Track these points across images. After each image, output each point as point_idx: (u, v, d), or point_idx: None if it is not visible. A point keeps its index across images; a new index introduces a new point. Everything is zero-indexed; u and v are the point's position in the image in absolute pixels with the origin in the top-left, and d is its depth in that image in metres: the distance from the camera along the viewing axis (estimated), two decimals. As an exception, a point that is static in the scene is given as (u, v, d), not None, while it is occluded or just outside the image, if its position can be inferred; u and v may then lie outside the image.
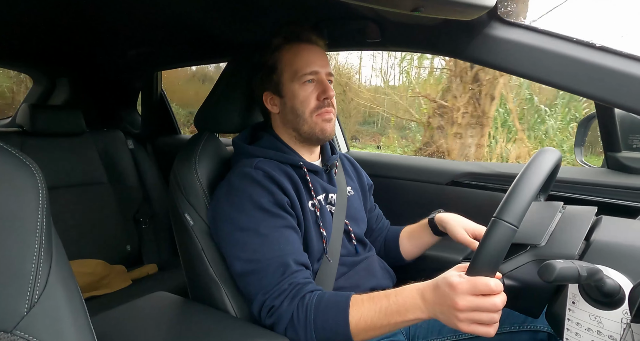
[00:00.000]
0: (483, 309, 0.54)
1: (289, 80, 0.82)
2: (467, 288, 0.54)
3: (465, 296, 0.54)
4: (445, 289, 0.56)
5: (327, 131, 0.83)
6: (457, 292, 0.54)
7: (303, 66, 0.81)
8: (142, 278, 1.47)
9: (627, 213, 0.71)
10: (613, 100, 0.76)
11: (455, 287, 0.55)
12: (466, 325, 0.55)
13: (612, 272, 0.51)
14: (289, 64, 0.82)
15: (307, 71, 0.81)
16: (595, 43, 0.76)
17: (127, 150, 1.69)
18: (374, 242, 1.00)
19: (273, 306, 0.69)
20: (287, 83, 0.82)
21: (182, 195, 0.83)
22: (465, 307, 0.54)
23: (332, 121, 0.84)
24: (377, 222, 1.03)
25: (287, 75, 0.82)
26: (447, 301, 0.56)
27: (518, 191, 0.52)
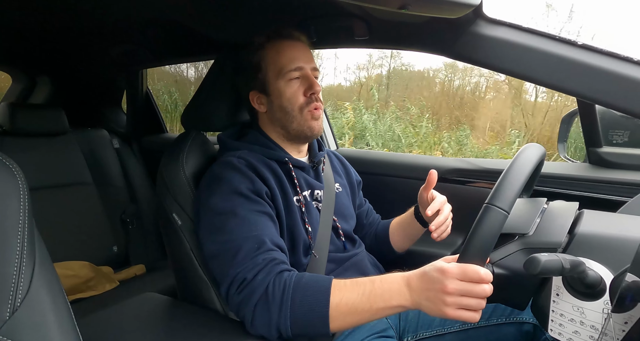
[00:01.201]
0: (472, 294, 0.54)
1: (275, 78, 0.81)
2: (457, 272, 0.55)
3: (455, 280, 0.55)
4: (435, 274, 0.57)
5: (315, 129, 0.83)
6: (447, 276, 0.55)
7: (287, 63, 0.80)
8: (129, 279, 1.45)
9: (609, 207, 0.73)
10: (593, 97, 0.78)
11: (445, 271, 0.55)
12: (452, 310, 0.55)
13: (594, 264, 0.53)
14: (273, 61, 0.81)
15: (292, 67, 0.80)
16: (577, 41, 0.78)
17: (112, 149, 1.65)
18: (365, 237, 1.00)
19: (245, 279, 0.64)
20: (272, 81, 0.82)
21: (170, 194, 0.82)
22: (455, 290, 0.54)
23: (320, 119, 0.84)
24: (367, 217, 1.03)
25: (272, 73, 0.82)
26: (435, 286, 0.56)
27: (508, 179, 0.55)
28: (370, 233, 1.01)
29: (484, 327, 0.82)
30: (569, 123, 1.23)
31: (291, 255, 0.78)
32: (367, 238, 1.00)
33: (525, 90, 5.76)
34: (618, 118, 1.04)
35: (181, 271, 0.84)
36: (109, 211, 1.55)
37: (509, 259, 0.60)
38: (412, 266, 0.79)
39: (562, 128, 1.24)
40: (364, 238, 1.00)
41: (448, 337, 0.83)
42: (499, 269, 0.60)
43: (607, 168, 1.04)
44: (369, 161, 1.34)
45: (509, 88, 6.06)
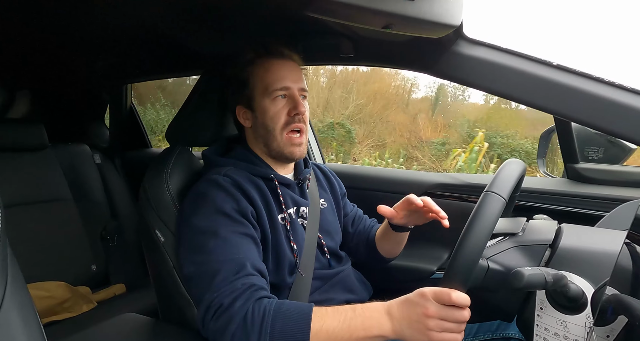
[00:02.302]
0: (451, 319, 0.55)
1: (260, 96, 0.81)
2: (437, 296, 0.55)
3: (436, 304, 0.55)
4: (415, 298, 0.57)
5: (296, 154, 0.82)
6: (427, 299, 0.56)
7: (274, 81, 0.80)
8: (108, 299, 1.39)
9: (587, 221, 0.75)
10: (569, 115, 0.82)
11: (425, 294, 0.56)
12: (436, 334, 0.55)
13: (576, 278, 0.54)
14: (260, 79, 0.81)
15: (278, 87, 0.80)
16: (552, 61, 0.82)
17: (94, 165, 1.61)
18: (358, 246, 0.98)
19: (221, 305, 0.61)
20: (258, 98, 0.82)
21: (153, 210, 0.80)
22: (435, 314, 0.55)
23: (302, 145, 0.83)
24: (353, 226, 1.00)
25: (259, 90, 0.81)
26: (417, 310, 0.56)
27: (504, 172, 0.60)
28: (362, 241, 0.99)
29: None
30: (547, 139, 1.27)
31: (276, 274, 0.76)
32: (361, 246, 0.98)
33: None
34: (593, 135, 1.09)
35: (163, 290, 0.81)
36: (89, 228, 1.50)
37: (502, 255, 0.61)
38: (398, 282, 0.78)
39: (541, 144, 1.28)
40: (356, 247, 0.98)
41: None
42: (494, 264, 0.61)
43: (584, 183, 1.07)
44: (354, 176, 1.35)
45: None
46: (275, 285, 0.76)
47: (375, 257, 0.97)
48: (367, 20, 0.64)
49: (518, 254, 0.61)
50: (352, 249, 0.99)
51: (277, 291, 0.76)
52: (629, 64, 4.59)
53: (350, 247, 0.99)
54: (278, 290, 0.77)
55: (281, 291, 0.77)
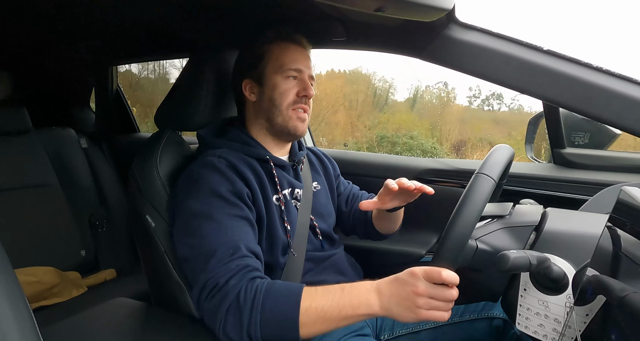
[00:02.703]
0: (440, 297, 0.57)
1: (273, 72, 0.83)
2: (427, 274, 0.57)
3: (426, 282, 0.57)
4: (405, 277, 0.59)
5: (300, 129, 0.84)
6: (417, 278, 0.57)
7: (289, 62, 0.82)
8: (98, 284, 1.39)
9: (572, 205, 0.77)
10: (557, 100, 0.82)
11: (415, 273, 0.58)
12: (424, 311, 0.57)
13: (559, 260, 0.56)
14: (276, 57, 0.83)
15: (293, 67, 0.82)
16: (543, 47, 0.82)
17: (80, 149, 1.58)
18: (354, 225, 0.99)
19: (217, 284, 0.63)
20: (270, 74, 0.83)
21: (143, 195, 0.79)
22: (425, 292, 0.56)
23: (305, 122, 0.85)
24: (349, 204, 1.01)
25: (272, 67, 0.83)
26: (407, 288, 0.58)
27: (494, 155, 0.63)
28: (360, 220, 0.99)
29: (457, 324, 0.84)
30: (535, 125, 1.28)
31: (269, 254, 0.77)
32: (359, 225, 0.99)
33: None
34: (579, 121, 1.10)
35: (155, 275, 0.81)
36: (77, 214, 1.48)
37: (490, 236, 0.63)
38: (388, 266, 0.80)
39: (529, 130, 1.30)
40: (354, 226, 0.99)
41: (423, 334, 0.85)
42: (482, 244, 0.63)
43: (570, 168, 1.09)
44: (345, 161, 1.35)
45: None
46: (268, 265, 0.77)
47: (374, 235, 0.98)
48: (359, 2, 0.63)
49: (505, 235, 0.63)
50: (350, 227, 1.00)
51: (270, 272, 0.78)
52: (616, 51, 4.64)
53: (348, 225, 1.00)
54: (271, 270, 0.78)
55: (274, 271, 0.79)
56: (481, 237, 0.64)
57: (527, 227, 0.63)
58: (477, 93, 7.90)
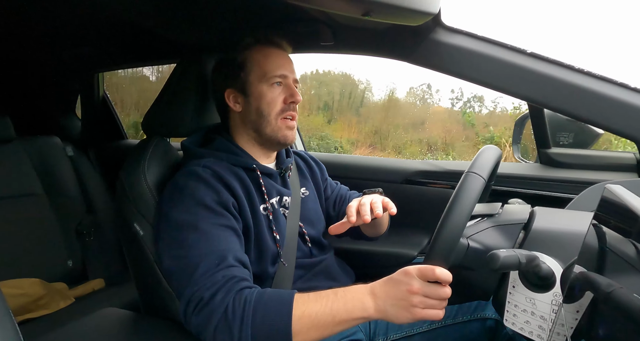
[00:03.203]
0: (434, 296, 0.57)
1: (257, 81, 0.81)
2: (421, 273, 0.57)
3: (420, 280, 0.57)
4: (399, 276, 0.59)
5: (289, 138, 0.83)
6: (411, 276, 0.57)
7: (273, 68, 0.80)
8: (87, 295, 1.35)
9: (558, 203, 0.79)
10: (542, 101, 0.84)
11: (409, 272, 0.58)
12: (420, 310, 0.57)
13: (547, 258, 0.57)
14: (259, 64, 0.81)
15: (277, 73, 0.80)
16: (527, 49, 0.84)
17: (66, 157, 1.55)
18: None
19: (202, 299, 0.61)
20: (254, 83, 0.81)
21: (131, 203, 0.78)
22: (419, 290, 0.56)
23: (294, 129, 0.84)
24: (337, 208, 0.99)
25: (255, 75, 0.81)
26: (401, 287, 0.57)
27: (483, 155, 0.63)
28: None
29: (450, 326, 0.85)
30: (521, 125, 1.31)
31: (258, 265, 0.76)
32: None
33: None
34: (564, 121, 1.13)
35: (144, 284, 0.80)
36: (63, 223, 1.45)
37: (481, 234, 0.64)
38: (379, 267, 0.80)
39: (515, 131, 1.32)
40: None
41: (417, 338, 0.84)
42: (473, 243, 0.64)
43: (556, 167, 1.12)
44: (336, 165, 1.36)
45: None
46: (257, 276, 0.76)
47: (364, 237, 0.98)
48: (346, 6, 0.64)
49: (496, 233, 0.64)
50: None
51: (260, 282, 0.76)
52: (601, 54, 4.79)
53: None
54: (260, 280, 0.77)
55: (264, 281, 0.77)
56: (472, 236, 0.65)
57: (517, 225, 0.64)
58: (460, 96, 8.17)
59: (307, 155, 1.02)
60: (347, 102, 7.34)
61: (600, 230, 0.47)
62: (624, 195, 0.44)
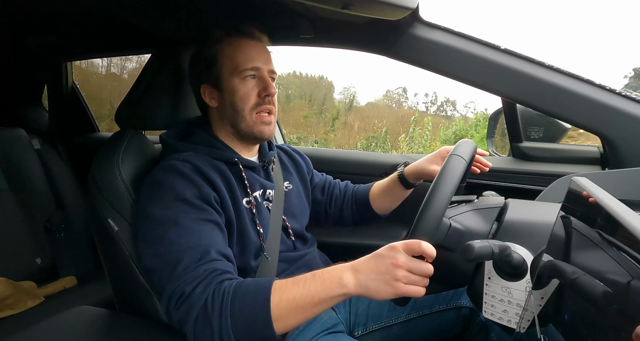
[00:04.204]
0: (418, 271, 0.57)
1: (229, 75, 0.78)
2: (406, 247, 0.57)
3: (405, 255, 0.57)
4: (385, 251, 0.59)
5: (266, 133, 0.81)
6: (397, 251, 0.57)
7: (244, 61, 0.78)
8: (57, 293, 1.31)
9: (529, 195, 0.82)
10: (514, 96, 0.87)
11: (395, 247, 0.58)
12: (403, 284, 0.57)
13: (518, 247, 0.59)
14: (230, 57, 0.79)
15: (249, 66, 0.78)
16: (500, 46, 0.86)
17: (32, 151, 1.48)
18: (340, 209, 0.99)
19: (183, 293, 0.60)
20: (227, 77, 0.79)
21: (104, 198, 0.75)
22: (404, 264, 0.57)
23: (271, 124, 0.82)
24: (325, 192, 1.00)
25: (227, 69, 0.79)
26: (386, 261, 0.58)
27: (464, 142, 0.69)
28: (347, 202, 0.99)
29: (427, 315, 0.87)
30: (495, 120, 1.35)
31: (240, 258, 0.76)
32: (346, 208, 0.99)
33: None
34: (534, 116, 1.17)
35: (119, 280, 0.78)
36: (31, 219, 1.39)
37: (461, 216, 0.68)
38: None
39: (490, 125, 1.36)
40: (340, 211, 0.99)
41: (395, 328, 0.87)
42: (455, 223, 0.67)
43: (527, 161, 1.16)
44: (317, 159, 1.36)
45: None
46: (240, 269, 0.75)
47: (368, 215, 0.97)
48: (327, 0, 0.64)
49: (475, 216, 0.67)
50: (336, 214, 0.99)
51: (243, 276, 0.75)
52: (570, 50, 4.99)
53: (331, 213, 0.99)
54: (243, 274, 0.76)
55: (246, 275, 0.77)
56: (453, 217, 0.68)
57: (494, 209, 0.68)
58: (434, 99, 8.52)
59: (291, 148, 1.02)
60: (307, 102, 7.84)
61: (568, 220, 0.49)
62: (589, 187, 0.46)
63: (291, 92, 8.37)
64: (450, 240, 0.66)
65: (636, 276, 0.34)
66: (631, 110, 0.81)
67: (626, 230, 0.35)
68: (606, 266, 0.39)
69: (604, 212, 0.40)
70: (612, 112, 0.82)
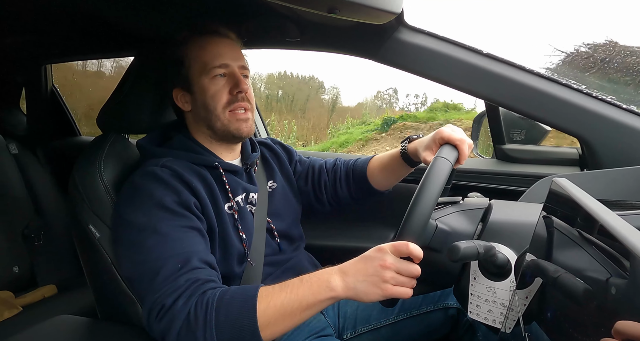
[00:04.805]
0: (406, 272, 0.57)
1: (198, 75, 0.76)
2: (394, 249, 0.58)
3: (393, 256, 0.57)
4: (372, 253, 0.59)
5: (244, 130, 0.79)
6: (384, 252, 0.58)
7: (211, 59, 0.75)
8: (36, 303, 1.26)
9: (513, 196, 0.84)
10: (496, 99, 0.89)
11: (383, 248, 0.58)
12: (390, 286, 0.57)
13: (503, 248, 0.60)
14: (197, 57, 0.77)
15: (216, 64, 0.75)
16: (483, 50, 0.88)
17: (9, 156, 1.43)
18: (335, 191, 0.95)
19: (163, 306, 0.58)
20: (196, 78, 0.77)
21: (85, 204, 0.73)
22: (393, 265, 0.57)
23: (249, 120, 0.79)
24: (309, 179, 0.96)
25: (196, 70, 0.77)
26: (374, 263, 0.58)
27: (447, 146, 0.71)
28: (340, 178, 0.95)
29: (415, 316, 0.88)
30: (479, 123, 1.37)
31: (224, 265, 0.74)
32: (341, 185, 0.94)
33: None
34: (516, 119, 1.20)
35: (101, 288, 0.76)
36: (7, 227, 1.34)
37: (448, 217, 0.68)
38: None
39: (474, 128, 1.38)
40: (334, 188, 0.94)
41: (384, 330, 0.87)
42: (441, 224, 0.68)
43: (510, 162, 1.18)
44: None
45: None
46: (224, 276, 0.74)
47: (367, 191, 0.94)
48: (312, 3, 0.64)
49: (461, 217, 0.68)
50: (330, 197, 0.96)
51: (227, 283, 0.74)
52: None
53: (324, 198, 0.95)
54: (228, 281, 0.75)
55: (231, 282, 0.76)
56: (439, 218, 0.69)
57: (479, 210, 0.69)
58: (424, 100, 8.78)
59: (272, 141, 0.99)
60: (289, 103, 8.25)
61: (549, 220, 0.51)
62: (569, 187, 0.47)
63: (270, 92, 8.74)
64: (436, 241, 0.67)
65: (614, 273, 0.35)
66: (607, 113, 0.84)
67: (604, 229, 0.36)
68: (586, 264, 0.40)
69: (584, 211, 0.41)
70: (590, 115, 0.84)
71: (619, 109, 0.84)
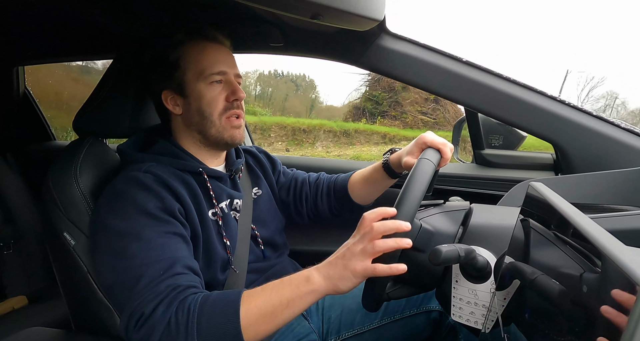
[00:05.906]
0: (385, 227, 0.57)
1: (194, 80, 0.76)
2: (373, 216, 0.59)
3: (370, 222, 0.58)
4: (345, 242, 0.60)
5: (237, 137, 0.79)
6: (365, 218, 0.60)
7: (210, 65, 0.76)
8: (5, 314, 1.21)
9: (492, 200, 0.86)
10: (475, 105, 0.92)
11: (363, 217, 0.60)
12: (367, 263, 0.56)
13: (483, 250, 0.61)
14: (194, 62, 0.76)
15: (215, 71, 0.76)
16: (462, 57, 0.91)
17: None
18: (315, 205, 0.96)
19: (143, 314, 0.57)
20: (192, 82, 0.76)
21: (60, 211, 0.71)
22: (369, 228, 0.57)
23: (241, 128, 0.80)
24: (291, 191, 0.96)
25: (192, 74, 0.76)
26: (344, 247, 0.59)
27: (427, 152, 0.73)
28: (321, 194, 0.96)
29: (399, 320, 0.88)
30: (459, 128, 1.41)
31: (207, 272, 0.73)
32: (321, 200, 0.95)
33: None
34: (495, 124, 1.24)
35: (76, 298, 0.73)
36: (-25, 235, 1.27)
37: (431, 218, 0.70)
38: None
39: (454, 133, 1.42)
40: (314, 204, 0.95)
41: (368, 334, 0.87)
42: (425, 224, 0.69)
43: (489, 167, 1.22)
44: (287, 165, 1.35)
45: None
46: (207, 283, 0.73)
47: (347, 206, 0.94)
48: (294, 8, 0.64)
49: (444, 218, 0.70)
50: (310, 210, 0.96)
51: (210, 289, 0.73)
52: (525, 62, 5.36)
53: (304, 211, 0.96)
54: (211, 288, 0.74)
55: (214, 288, 0.74)
56: (423, 218, 0.70)
57: (461, 211, 0.71)
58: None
59: (257, 149, 0.99)
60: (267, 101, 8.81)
61: (527, 223, 0.52)
62: (544, 191, 0.49)
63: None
64: (420, 240, 0.68)
65: (587, 269, 0.37)
66: (580, 120, 0.88)
67: (577, 230, 0.37)
68: (561, 262, 0.42)
69: (558, 214, 0.42)
70: (564, 121, 0.88)
71: (590, 116, 0.88)
